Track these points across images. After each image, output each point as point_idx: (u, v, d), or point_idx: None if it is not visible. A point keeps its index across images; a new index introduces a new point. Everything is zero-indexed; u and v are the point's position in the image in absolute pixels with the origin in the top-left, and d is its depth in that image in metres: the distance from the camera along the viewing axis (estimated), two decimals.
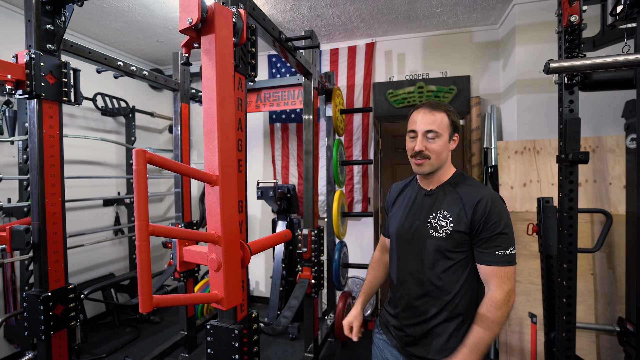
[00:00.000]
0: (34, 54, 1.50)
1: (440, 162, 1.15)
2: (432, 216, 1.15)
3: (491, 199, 1.08)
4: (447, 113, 1.15)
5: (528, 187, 2.50)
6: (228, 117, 1.01)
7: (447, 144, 1.15)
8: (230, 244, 1.00)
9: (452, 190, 1.15)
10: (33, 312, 1.56)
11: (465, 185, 1.16)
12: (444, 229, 1.11)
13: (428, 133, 1.13)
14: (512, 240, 1.07)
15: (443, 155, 1.15)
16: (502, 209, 1.09)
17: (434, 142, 1.13)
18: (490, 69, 2.98)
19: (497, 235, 1.05)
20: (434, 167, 1.16)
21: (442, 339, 1.12)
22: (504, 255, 1.05)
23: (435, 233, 1.13)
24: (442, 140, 1.13)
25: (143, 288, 0.80)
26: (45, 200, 1.57)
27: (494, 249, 1.05)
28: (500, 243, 1.05)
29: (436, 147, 1.13)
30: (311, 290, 2.19)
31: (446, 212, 1.13)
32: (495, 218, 1.06)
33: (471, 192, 1.12)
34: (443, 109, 1.15)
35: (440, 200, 1.16)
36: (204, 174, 0.96)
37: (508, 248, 1.05)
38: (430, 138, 1.13)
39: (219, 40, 0.98)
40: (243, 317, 1.29)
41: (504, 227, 1.06)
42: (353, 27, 3.00)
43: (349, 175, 3.30)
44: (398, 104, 3.16)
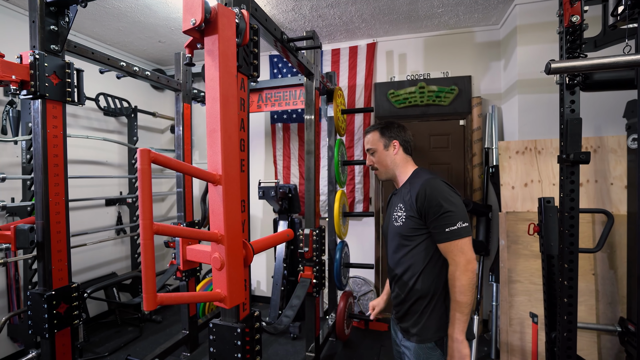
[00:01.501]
0: (38, 54, 1.51)
1: (387, 169, 1.41)
2: (395, 210, 1.35)
3: (428, 186, 1.23)
4: (378, 129, 1.43)
5: (529, 187, 2.50)
6: (231, 117, 1.02)
7: (383, 152, 1.41)
8: (233, 243, 1.01)
9: (408, 186, 1.33)
10: (37, 310, 1.57)
11: (416, 178, 1.32)
12: (400, 218, 1.31)
13: (368, 151, 1.46)
14: (459, 215, 1.18)
15: (386, 164, 1.41)
16: (441, 190, 1.21)
17: (375, 156, 1.44)
18: (491, 69, 2.99)
19: (442, 215, 1.18)
20: (387, 174, 1.42)
21: (416, 316, 1.29)
22: (453, 231, 1.17)
23: (396, 223, 1.33)
24: (378, 152, 1.42)
25: (147, 286, 0.81)
26: (49, 199, 1.58)
27: (442, 228, 1.18)
28: (447, 221, 1.18)
29: (377, 160, 1.43)
30: (313, 289, 2.20)
31: (401, 204, 1.32)
32: (435, 201, 1.19)
33: (416, 183, 1.28)
34: (374, 128, 1.44)
35: (400, 196, 1.35)
36: (207, 174, 0.97)
37: (456, 223, 1.17)
38: (371, 154, 1.45)
39: (222, 41, 0.99)
40: (245, 315, 1.30)
41: (448, 206, 1.18)
42: (354, 28, 3.01)
43: (350, 175, 3.31)
44: (399, 104, 3.17)
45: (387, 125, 1.42)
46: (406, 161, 1.41)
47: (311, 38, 1.71)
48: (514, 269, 2.44)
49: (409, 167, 1.40)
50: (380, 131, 1.42)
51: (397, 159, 1.40)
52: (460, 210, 1.19)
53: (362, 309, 3.27)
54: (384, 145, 1.40)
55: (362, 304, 3.28)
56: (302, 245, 2.20)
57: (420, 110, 3.13)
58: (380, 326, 3.10)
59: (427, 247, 1.26)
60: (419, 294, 1.28)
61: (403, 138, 1.41)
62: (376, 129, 1.43)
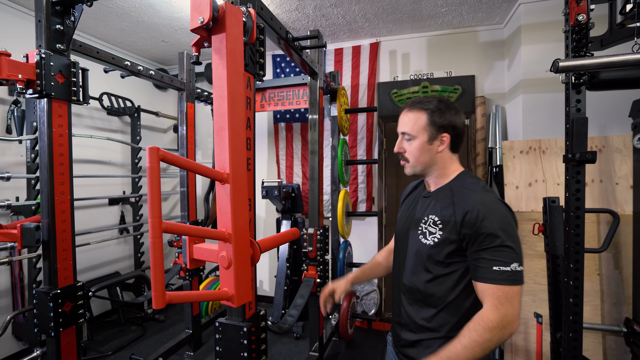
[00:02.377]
0: (44, 53, 1.52)
1: (422, 164, 1.07)
2: (424, 220, 1.05)
3: (485, 207, 0.92)
4: (427, 111, 1.03)
5: (533, 187, 2.49)
6: (238, 115, 1.02)
7: (425, 145, 1.04)
8: (240, 242, 1.01)
9: (449, 194, 1.02)
10: (43, 308, 1.57)
11: (463, 188, 1.01)
12: (432, 236, 1.01)
13: (403, 135, 1.08)
14: (517, 255, 0.89)
15: (422, 158, 1.06)
16: (501, 217, 0.92)
17: (410, 144, 1.07)
18: (495, 68, 2.98)
19: (494, 249, 0.89)
20: (415, 169, 1.09)
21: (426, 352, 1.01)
22: (503, 272, 0.87)
23: (424, 239, 1.03)
24: (417, 142, 1.05)
25: (156, 284, 0.81)
26: (54, 199, 1.59)
27: (490, 264, 0.89)
28: (498, 257, 0.89)
29: (411, 149, 1.07)
30: (317, 289, 2.20)
31: (437, 218, 1.01)
32: (489, 229, 0.90)
33: (464, 197, 0.98)
34: (419, 107, 1.05)
35: (434, 204, 1.05)
36: (215, 172, 0.97)
37: (510, 264, 0.88)
38: (406, 140, 1.08)
39: (229, 39, 0.99)
40: (251, 314, 1.30)
41: (504, 240, 0.89)
42: (358, 27, 3.01)
43: (353, 175, 3.30)
44: (402, 104, 3.16)
45: (441, 108, 1.03)
46: (450, 161, 1.07)
47: (316, 37, 1.71)
48: None
49: (451, 168, 1.07)
50: (430, 116, 1.03)
51: (440, 158, 1.06)
52: (519, 249, 0.91)
53: (365, 309, 3.27)
54: (429, 136, 1.03)
55: (365, 304, 3.28)
56: (306, 244, 2.20)
57: None
58: (383, 326, 3.09)
59: (460, 278, 0.99)
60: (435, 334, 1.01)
61: (455, 130, 1.04)
62: (425, 109, 1.03)
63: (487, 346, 0.87)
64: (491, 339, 0.87)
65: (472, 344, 0.88)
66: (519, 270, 0.89)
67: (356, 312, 3.05)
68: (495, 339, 0.87)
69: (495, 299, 0.88)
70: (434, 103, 1.04)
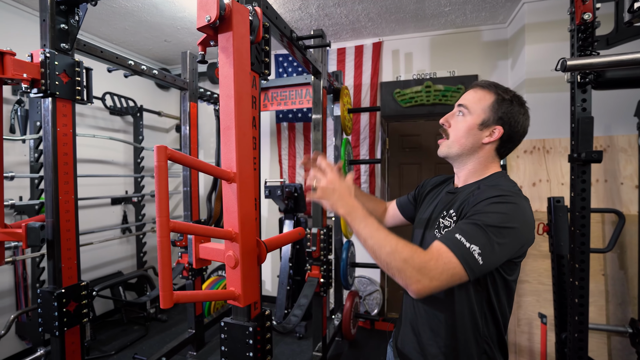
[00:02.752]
0: (49, 53, 1.51)
1: (460, 147, 0.95)
2: (442, 215, 0.96)
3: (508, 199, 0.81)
4: (497, 95, 0.92)
5: (537, 187, 2.49)
6: (245, 114, 1.02)
7: (474, 128, 0.92)
8: (247, 241, 1.01)
9: (474, 191, 0.90)
10: (47, 308, 1.57)
11: (494, 185, 0.88)
12: (447, 230, 0.91)
13: (459, 107, 0.96)
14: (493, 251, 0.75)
15: (464, 140, 0.93)
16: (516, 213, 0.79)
17: (459, 120, 0.95)
18: (498, 68, 2.97)
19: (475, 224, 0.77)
20: (450, 150, 0.97)
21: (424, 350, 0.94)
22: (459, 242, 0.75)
23: (438, 233, 0.94)
24: (468, 120, 0.93)
25: (164, 284, 0.81)
26: (59, 198, 1.58)
27: (455, 230, 0.78)
28: (470, 231, 0.76)
29: (458, 125, 0.95)
30: (320, 289, 2.20)
31: (453, 212, 0.92)
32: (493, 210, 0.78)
33: (488, 190, 0.86)
34: (494, 90, 0.93)
35: (456, 200, 0.95)
36: (222, 171, 0.97)
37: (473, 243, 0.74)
38: (458, 114, 0.96)
39: (236, 38, 0.98)
40: (257, 314, 1.30)
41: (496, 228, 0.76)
42: (361, 27, 3.00)
43: (356, 175, 3.30)
44: (405, 104, 3.16)
45: (513, 101, 0.91)
46: (492, 160, 0.96)
47: (320, 36, 1.71)
48: (522, 269, 2.43)
49: (489, 168, 0.96)
50: (498, 100, 0.91)
51: (482, 151, 0.94)
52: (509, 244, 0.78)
53: (367, 308, 3.26)
54: (483, 121, 0.91)
55: (368, 304, 3.27)
56: (310, 244, 2.20)
57: (427, 110, 3.11)
58: (386, 326, 3.09)
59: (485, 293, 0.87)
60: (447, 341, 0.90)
61: (512, 129, 0.91)
62: (496, 93, 0.92)
63: (391, 257, 0.75)
64: (401, 256, 0.74)
65: (390, 241, 0.77)
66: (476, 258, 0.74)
67: (359, 312, 3.04)
68: (401, 263, 0.74)
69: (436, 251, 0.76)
70: (510, 94, 0.93)
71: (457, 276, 0.74)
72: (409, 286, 0.74)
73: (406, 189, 3.29)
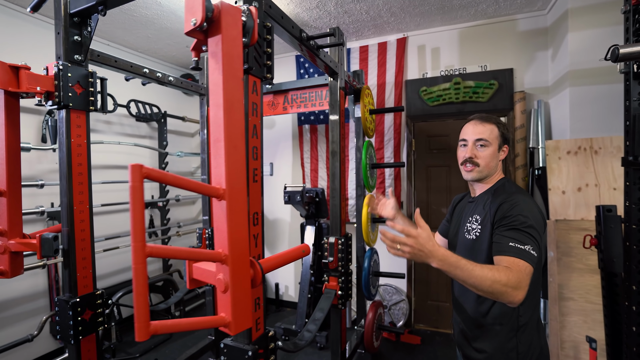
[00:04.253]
0: (62, 65, 1.53)
1: (489, 170, 1.20)
2: (469, 220, 1.21)
3: (516, 200, 1.07)
4: (497, 125, 1.20)
5: (584, 192, 2.21)
6: (237, 124, 0.93)
7: (496, 153, 1.20)
8: (238, 263, 0.92)
9: (490, 196, 1.17)
10: (63, 316, 1.59)
11: (502, 191, 1.17)
12: (474, 231, 1.16)
13: (478, 141, 1.20)
14: (535, 242, 0.99)
15: (492, 164, 1.20)
16: (529, 209, 1.04)
17: (483, 150, 1.19)
18: (536, 60, 2.69)
19: (514, 229, 1.00)
20: (482, 174, 1.20)
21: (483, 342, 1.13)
22: (519, 249, 0.96)
23: (468, 235, 1.18)
24: (491, 149, 1.19)
25: (139, 315, 0.74)
26: (73, 207, 1.60)
27: (507, 240, 0.99)
28: (517, 237, 0.98)
29: (485, 155, 1.19)
30: (338, 301, 2.08)
31: (478, 215, 1.17)
32: (515, 213, 1.03)
33: (500, 195, 1.13)
34: (493, 121, 1.21)
35: (477, 205, 1.20)
36: (209, 188, 0.89)
37: (525, 244, 0.97)
38: (480, 146, 1.20)
39: (225, 41, 0.90)
40: (259, 336, 1.22)
41: (527, 226, 1.00)
42: (383, 22, 2.85)
43: (380, 179, 3.14)
44: (432, 102, 2.95)
45: (505, 125, 1.25)
46: (500, 170, 1.26)
47: (333, 35, 1.59)
48: (566, 285, 2.16)
49: (497, 175, 1.24)
50: (501, 129, 1.20)
51: (498, 166, 1.23)
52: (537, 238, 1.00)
53: (393, 319, 3.10)
54: (499, 145, 1.20)
55: (394, 314, 3.11)
56: (327, 254, 2.09)
57: (456, 108, 2.89)
58: (412, 339, 2.91)
59: None
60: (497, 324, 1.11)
61: (510, 145, 1.32)
62: (497, 124, 1.20)
63: (493, 287, 0.88)
64: (500, 283, 0.88)
65: (486, 275, 0.89)
66: (533, 253, 0.97)
67: (383, 324, 2.89)
68: (502, 288, 0.88)
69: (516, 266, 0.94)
70: (500, 120, 1.24)
71: (531, 273, 0.95)
72: (512, 301, 0.90)
73: (434, 193, 3.08)
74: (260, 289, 1.21)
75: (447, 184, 3.00)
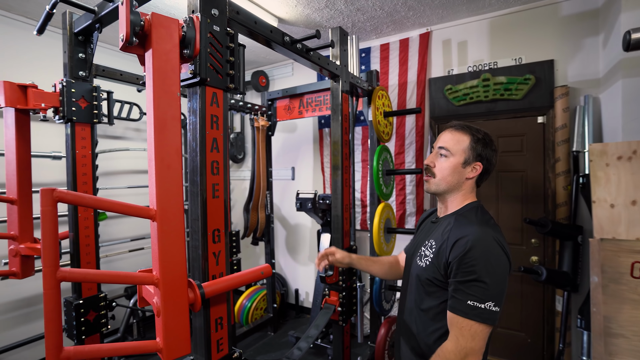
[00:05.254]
0: (66, 82, 1.63)
1: (447, 184, 1.07)
2: (425, 244, 1.09)
3: (474, 239, 0.92)
4: (472, 136, 1.06)
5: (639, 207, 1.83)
6: (170, 142, 0.89)
7: (458, 167, 1.06)
8: (171, 287, 0.88)
9: (452, 221, 1.04)
10: (69, 316, 1.70)
11: (465, 218, 1.02)
12: (425, 259, 1.05)
13: (440, 149, 1.09)
14: (494, 294, 0.89)
15: (450, 178, 1.07)
16: (488, 253, 0.91)
17: (442, 161, 1.08)
18: (584, 48, 2.30)
19: (471, 282, 0.90)
20: (439, 187, 1.09)
21: None
22: (476, 307, 0.88)
23: (419, 261, 1.08)
24: (451, 160, 1.06)
25: (50, 341, 0.73)
26: (78, 214, 1.70)
27: (466, 297, 0.90)
28: (475, 292, 0.89)
29: (442, 167, 1.07)
30: (339, 317, 1.97)
31: (434, 242, 1.05)
32: (473, 262, 0.90)
33: (461, 227, 0.99)
34: (468, 131, 1.07)
35: (438, 229, 1.08)
36: (139, 209, 0.85)
37: (484, 302, 0.88)
38: (440, 155, 1.09)
39: (156, 55, 0.86)
40: (221, 357, 1.17)
41: (484, 275, 0.89)
42: (401, 17, 2.65)
43: (399, 185, 2.95)
44: (458, 102, 2.68)
45: (485, 140, 1.06)
46: (471, 190, 1.10)
47: (315, 37, 1.49)
48: (615, 318, 1.81)
49: (467, 198, 1.09)
50: (474, 140, 1.05)
51: (465, 185, 1.08)
52: (496, 288, 0.90)
53: None
54: (465, 159, 1.05)
55: None
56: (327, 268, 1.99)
57: (485, 107, 2.59)
58: None
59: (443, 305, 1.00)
60: None
61: (489, 165, 1.08)
62: (470, 134, 1.06)
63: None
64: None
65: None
66: (494, 310, 0.89)
67: None
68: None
69: (458, 331, 0.90)
70: (481, 133, 1.08)
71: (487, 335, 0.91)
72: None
73: None
74: (223, 308, 1.16)
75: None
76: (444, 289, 0.98)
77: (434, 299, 1.01)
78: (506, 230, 2.58)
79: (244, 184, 4.02)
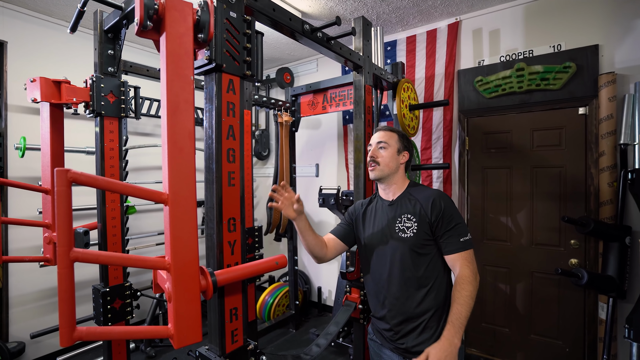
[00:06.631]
0: (95, 77, 1.69)
1: (389, 169, 1.34)
2: (398, 221, 1.29)
3: (439, 197, 1.25)
4: (397, 133, 1.39)
5: None
6: (183, 126, 0.88)
7: (395, 155, 1.35)
8: (182, 273, 0.87)
9: (410, 197, 1.32)
10: (97, 303, 1.77)
11: (416, 189, 1.34)
12: (410, 229, 1.26)
13: (379, 144, 1.37)
14: (466, 226, 1.25)
15: (392, 164, 1.34)
16: (450, 202, 1.27)
17: (383, 152, 1.35)
18: (634, 30, 2.09)
19: (455, 226, 1.22)
20: (383, 173, 1.34)
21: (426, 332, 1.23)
22: (465, 241, 1.21)
23: (403, 234, 1.27)
24: (390, 150, 1.35)
25: (63, 321, 0.73)
26: (105, 206, 1.77)
27: (457, 237, 1.21)
28: (460, 232, 1.21)
29: (384, 155, 1.35)
30: (360, 315, 1.91)
31: (409, 214, 1.28)
32: (450, 211, 1.23)
33: (423, 193, 1.29)
34: (394, 130, 1.40)
35: (402, 206, 1.31)
36: (150, 193, 0.85)
37: (466, 234, 1.22)
38: (380, 147, 1.36)
39: (170, 39, 0.86)
40: (235, 349, 1.15)
41: (458, 218, 1.23)
42: (428, 7, 2.55)
43: (426, 182, 2.83)
44: (489, 94, 2.54)
45: (405, 136, 1.42)
46: (404, 175, 1.41)
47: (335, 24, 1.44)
48: None
49: (405, 180, 1.41)
50: (400, 136, 1.39)
51: (400, 169, 1.38)
52: (464, 222, 1.26)
53: None
54: (398, 148, 1.37)
55: None
56: (349, 263, 1.94)
57: (519, 99, 2.43)
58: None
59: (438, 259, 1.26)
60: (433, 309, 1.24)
61: (411, 154, 1.42)
62: (396, 132, 1.40)
63: (473, 295, 1.15)
64: (474, 289, 1.16)
65: (466, 300, 1.14)
66: (470, 238, 1.23)
67: None
68: (474, 288, 1.16)
69: (464, 261, 1.20)
70: (400, 132, 1.41)
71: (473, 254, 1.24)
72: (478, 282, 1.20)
73: (491, 199, 2.63)
74: (238, 298, 1.15)
75: (508, 189, 2.54)
76: (433, 243, 1.24)
77: (426, 258, 1.24)
78: (541, 230, 2.40)
79: (268, 181, 4.04)
